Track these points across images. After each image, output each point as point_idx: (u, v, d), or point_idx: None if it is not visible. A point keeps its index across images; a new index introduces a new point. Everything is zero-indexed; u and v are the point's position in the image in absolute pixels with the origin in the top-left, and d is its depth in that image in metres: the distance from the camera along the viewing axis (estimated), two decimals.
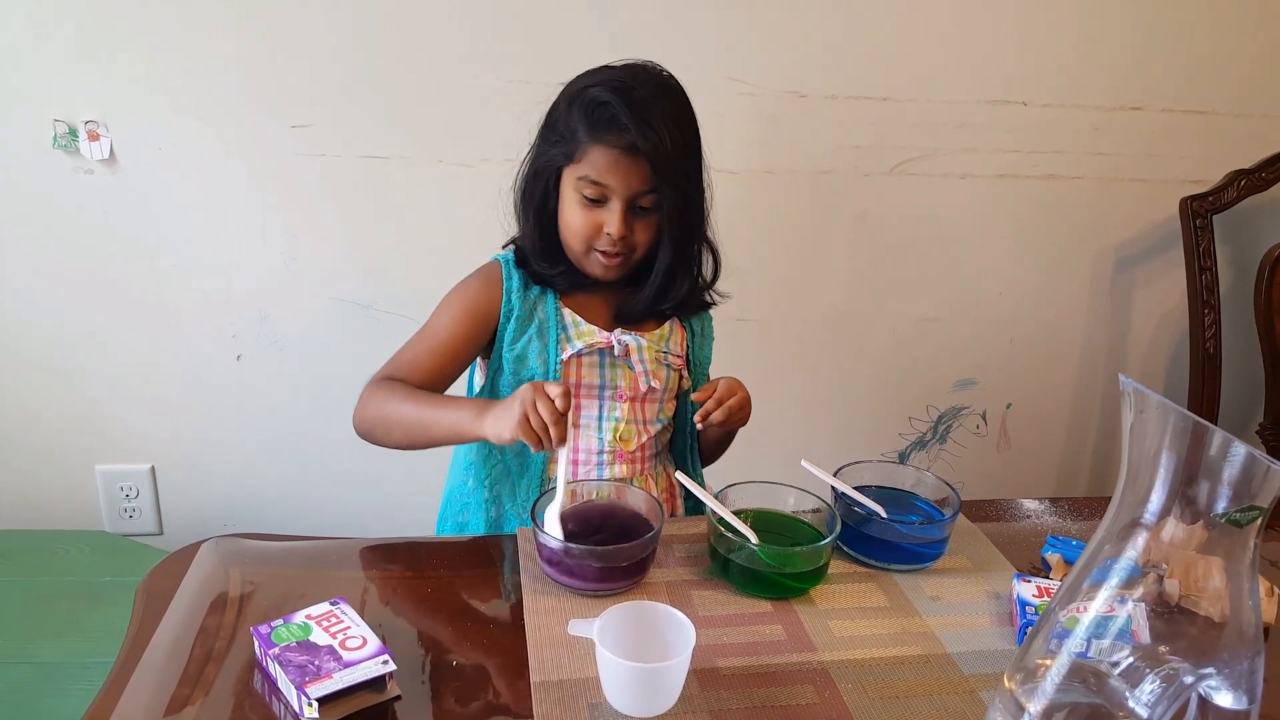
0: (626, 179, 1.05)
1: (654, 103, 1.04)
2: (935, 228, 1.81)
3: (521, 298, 1.14)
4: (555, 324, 1.14)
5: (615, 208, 1.06)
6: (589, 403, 1.17)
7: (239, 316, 1.68)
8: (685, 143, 1.07)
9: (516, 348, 1.14)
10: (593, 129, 1.04)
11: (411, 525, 1.68)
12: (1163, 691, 0.69)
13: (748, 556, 0.96)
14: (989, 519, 1.15)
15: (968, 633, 0.93)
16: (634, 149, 1.03)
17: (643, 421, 1.19)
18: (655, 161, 1.03)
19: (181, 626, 0.88)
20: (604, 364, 1.16)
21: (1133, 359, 1.99)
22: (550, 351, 1.14)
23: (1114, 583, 0.72)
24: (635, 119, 1.02)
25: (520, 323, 1.14)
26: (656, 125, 1.02)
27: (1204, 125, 1.80)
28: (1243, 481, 0.65)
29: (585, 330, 1.15)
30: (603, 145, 1.04)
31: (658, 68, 1.10)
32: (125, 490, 1.77)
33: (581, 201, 1.07)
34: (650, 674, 0.77)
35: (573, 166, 1.07)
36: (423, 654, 0.86)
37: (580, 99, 1.06)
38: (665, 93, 1.07)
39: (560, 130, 1.08)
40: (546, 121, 1.11)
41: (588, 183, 1.05)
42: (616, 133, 1.03)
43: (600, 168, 1.04)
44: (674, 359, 1.20)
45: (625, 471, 1.18)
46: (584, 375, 1.16)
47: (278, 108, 1.55)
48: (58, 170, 1.55)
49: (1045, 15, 1.68)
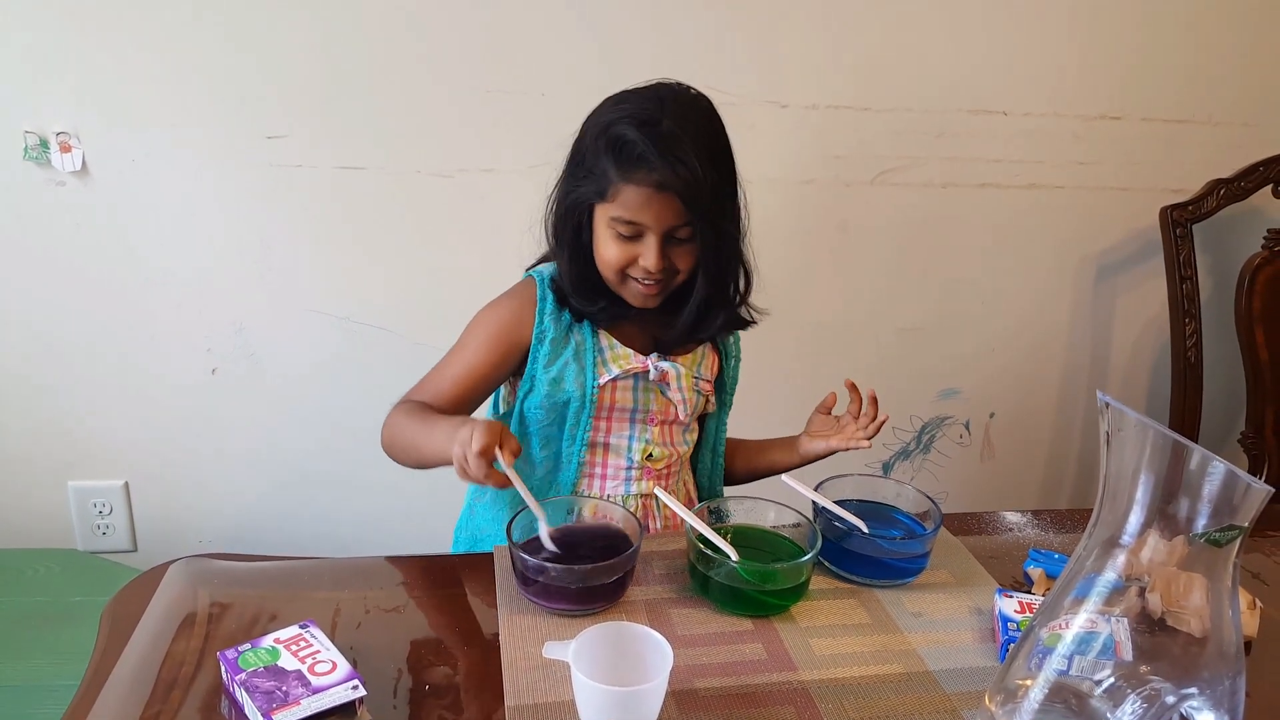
0: (660, 216, 1.02)
1: (681, 133, 1.00)
2: (917, 237, 1.80)
3: (556, 319, 1.12)
4: (591, 348, 1.13)
5: (651, 243, 1.04)
6: (620, 425, 1.16)
7: (214, 329, 1.66)
8: (717, 171, 1.04)
9: (553, 370, 1.12)
10: (621, 168, 1.01)
11: (389, 541, 1.67)
12: (1144, 712, 0.68)
13: (728, 574, 0.94)
14: (971, 532, 1.15)
15: (950, 649, 0.92)
16: (664, 186, 1.00)
17: (673, 443, 1.19)
18: (686, 197, 1.01)
19: (147, 650, 0.86)
20: (637, 387, 1.15)
21: (1115, 367, 1.99)
22: (588, 375, 1.12)
23: (1095, 600, 0.71)
24: (663, 156, 0.99)
25: (555, 345, 1.12)
26: (685, 158, 0.99)
27: (1184, 134, 1.80)
28: (1223, 499, 0.64)
29: (621, 354, 1.14)
30: (633, 184, 1.01)
31: (683, 88, 1.06)
32: (98, 507, 1.74)
33: (616, 237, 1.05)
34: (626, 697, 0.76)
35: (605, 205, 1.04)
36: (395, 678, 0.84)
37: (606, 136, 1.02)
38: (693, 118, 1.04)
39: (589, 167, 1.05)
40: (573, 156, 1.08)
41: (622, 222, 1.03)
42: (646, 171, 1.00)
43: (633, 207, 1.02)
44: (704, 384, 1.20)
45: (649, 488, 1.18)
46: (618, 399, 1.15)
47: (253, 118, 1.54)
48: (29, 182, 1.53)
49: (1026, 26, 1.68)
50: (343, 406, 1.71)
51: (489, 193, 1.61)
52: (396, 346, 1.69)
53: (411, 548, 1.14)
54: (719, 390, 1.24)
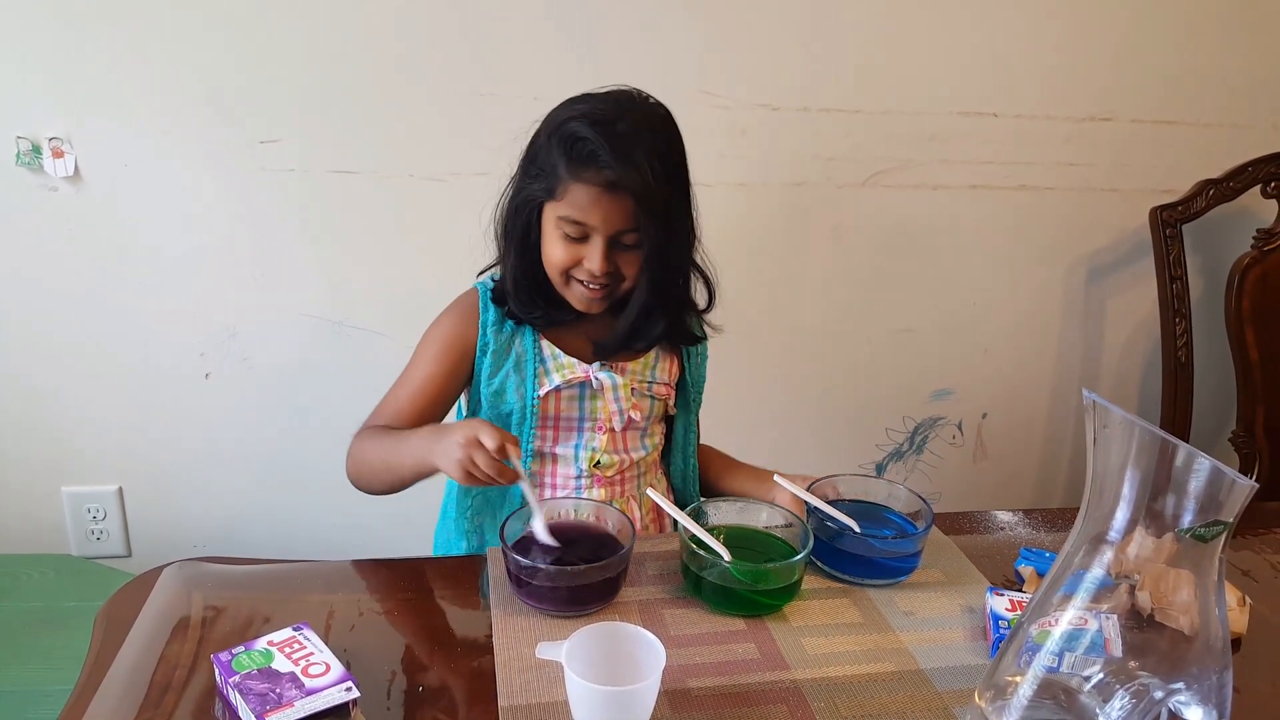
0: (608, 217, 1.02)
1: (636, 136, 1.00)
2: (909, 239, 1.81)
3: (497, 331, 1.12)
4: (533, 357, 1.12)
5: (597, 245, 1.03)
6: (567, 434, 1.15)
7: (207, 334, 1.66)
8: (669, 177, 1.04)
9: (494, 383, 1.12)
10: (572, 166, 1.00)
11: (383, 543, 1.66)
12: (1133, 707, 0.69)
13: (720, 574, 0.95)
14: (962, 531, 1.15)
15: (941, 648, 0.92)
16: (615, 186, 1.00)
17: (624, 450, 1.18)
18: (637, 199, 1.00)
19: (141, 654, 0.86)
20: (583, 396, 1.14)
21: (1106, 367, 2.00)
22: (528, 386, 1.12)
23: (1083, 596, 0.72)
24: (616, 156, 0.98)
25: (497, 357, 1.12)
26: (638, 161, 0.99)
27: (1173, 135, 1.81)
28: (1208, 495, 0.65)
29: (565, 363, 1.13)
30: (582, 183, 1.00)
31: (643, 95, 1.06)
32: (92, 512, 1.74)
33: (563, 237, 1.04)
34: (619, 696, 0.76)
35: (554, 204, 1.04)
36: (389, 679, 0.84)
37: (559, 133, 1.02)
38: (649, 124, 1.03)
39: (540, 164, 1.04)
40: (527, 154, 1.08)
41: (569, 221, 1.02)
42: (596, 169, 0.99)
43: (581, 206, 1.01)
44: (660, 388, 1.19)
45: (603, 495, 1.17)
46: (563, 409, 1.14)
47: (245, 123, 1.54)
48: (21, 188, 1.53)
49: (1016, 28, 1.69)
50: (336, 410, 1.71)
51: (481, 196, 1.61)
52: (389, 350, 1.69)
53: (405, 550, 1.14)
54: (681, 391, 1.22)
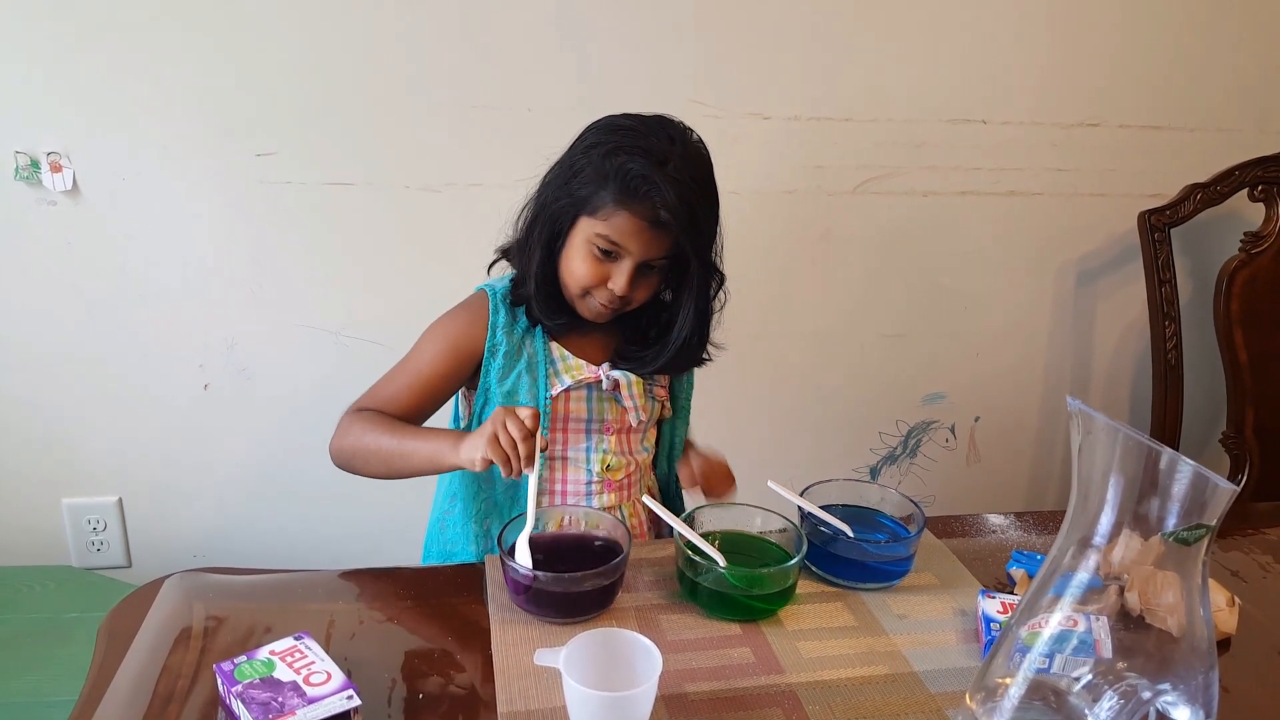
0: (646, 247, 1.05)
1: (684, 176, 1.03)
2: (899, 245, 1.83)
3: (508, 333, 1.13)
4: (544, 359, 1.14)
5: (625, 268, 1.05)
6: (576, 436, 1.17)
7: (206, 346, 1.67)
8: (713, 217, 1.09)
9: (507, 384, 1.13)
10: (624, 194, 1.02)
11: (386, 553, 1.67)
12: (1121, 708, 0.70)
13: (715, 579, 0.96)
14: (955, 535, 1.17)
15: (934, 650, 0.94)
16: (660, 224, 1.03)
17: (630, 452, 1.20)
18: (685, 240, 1.04)
19: (144, 665, 0.87)
20: (591, 398, 1.16)
21: (1097, 371, 2.02)
22: (540, 387, 1.13)
23: (1070, 598, 0.73)
24: (670, 198, 1.01)
25: (509, 359, 1.13)
26: (688, 203, 1.02)
27: (1160, 140, 1.83)
28: (1192, 499, 0.66)
29: (574, 365, 1.15)
30: (630, 213, 1.02)
31: (686, 130, 1.08)
32: (92, 523, 1.74)
33: (592, 254, 1.06)
34: (617, 702, 0.77)
35: (592, 220, 1.05)
36: (389, 687, 0.85)
37: (613, 162, 1.03)
38: (696, 163, 1.06)
39: (586, 180, 1.05)
40: (571, 163, 1.08)
41: (606, 240, 1.04)
42: (648, 206, 1.02)
43: (624, 232, 1.03)
44: (659, 390, 1.22)
45: (613, 500, 1.18)
46: (572, 409, 1.16)
47: (242, 136, 1.55)
48: (20, 202, 1.53)
49: (1003, 36, 1.71)
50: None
51: (477, 207, 1.63)
52: (387, 360, 1.67)
53: (406, 559, 1.15)
54: (674, 398, 1.25)
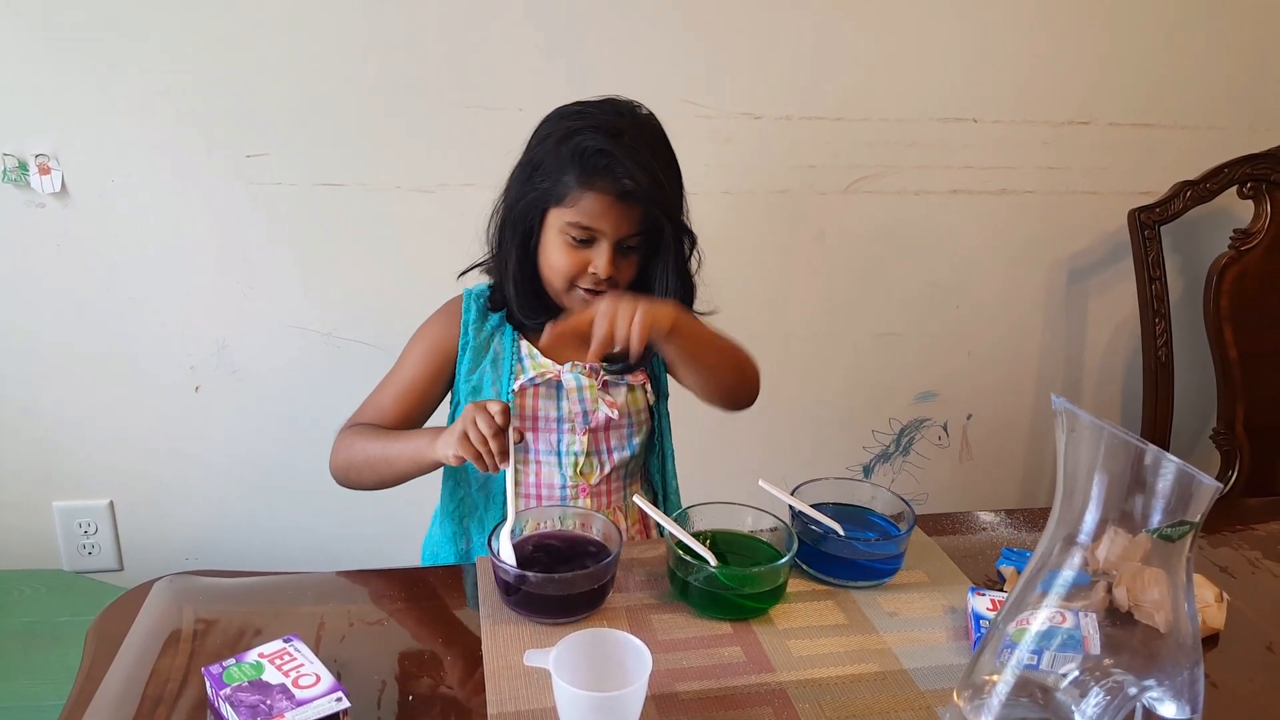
0: (617, 224, 1.05)
1: (642, 147, 1.04)
2: (891, 244, 1.83)
3: (478, 329, 1.14)
4: (510, 355, 1.15)
5: (604, 249, 1.06)
6: (546, 435, 1.16)
7: (196, 347, 1.66)
8: (677, 180, 1.09)
9: (473, 379, 1.14)
10: (585, 175, 1.03)
11: (378, 553, 1.67)
12: (1107, 704, 0.70)
13: (706, 578, 0.96)
14: (945, 532, 1.17)
15: (924, 648, 0.94)
16: (627, 196, 1.03)
17: (606, 451, 1.19)
18: (657, 206, 1.05)
19: (133, 668, 0.87)
20: (561, 395, 1.16)
21: (1089, 368, 2.02)
22: (503, 382, 1.14)
23: (1056, 595, 0.73)
24: (631, 167, 1.02)
25: (476, 354, 1.14)
26: (650, 170, 1.03)
27: (1150, 138, 1.84)
28: (1177, 496, 0.66)
29: (540, 362, 1.15)
30: (595, 192, 1.03)
31: (634, 105, 1.10)
32: (84, 526, 1.74)
33: (569, 242, 1.07)
34: (607, 702, 0.77)
35: (561, 209, 1.06)
36: (379, 689, 0.85)
37: (570, 144, 1.04)
38: (650, 134, 1.07)
39: (548, 170, 1.06)
40: (529, 159, 1.09)
41: (578, 227, 1.05)
42: (611, 180, 1.03)
43: (592, 214, 1.04)
44: (634, 378, 1.20)
45: (590, 506, 1.18)
46: (540, 407, 1.15)
47: (232, 137, 1.55)
48: (8, 205, 1.53)
49: (994, 35, 1.71)
50: (326, 421, 1.71)
51: (469, 207, 1.62)
52: (379, 361, 1.68)
53: (398, 561, 1.15)
54: (654, 379, 1.23)
